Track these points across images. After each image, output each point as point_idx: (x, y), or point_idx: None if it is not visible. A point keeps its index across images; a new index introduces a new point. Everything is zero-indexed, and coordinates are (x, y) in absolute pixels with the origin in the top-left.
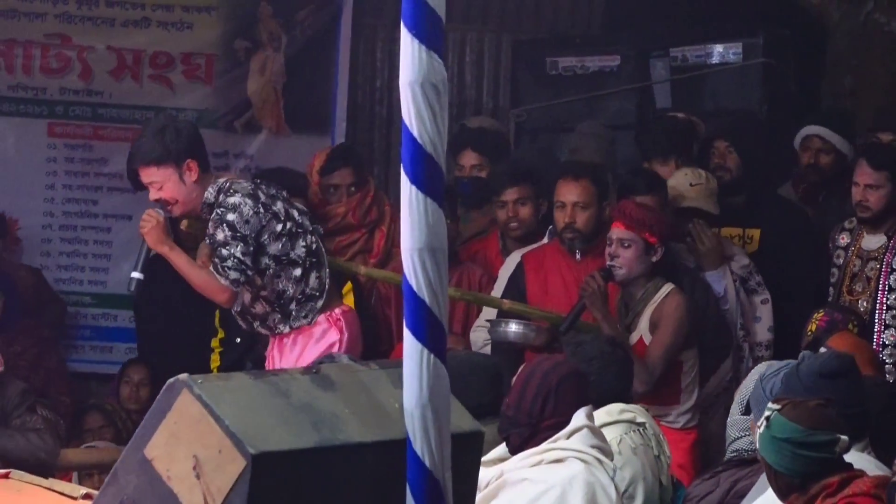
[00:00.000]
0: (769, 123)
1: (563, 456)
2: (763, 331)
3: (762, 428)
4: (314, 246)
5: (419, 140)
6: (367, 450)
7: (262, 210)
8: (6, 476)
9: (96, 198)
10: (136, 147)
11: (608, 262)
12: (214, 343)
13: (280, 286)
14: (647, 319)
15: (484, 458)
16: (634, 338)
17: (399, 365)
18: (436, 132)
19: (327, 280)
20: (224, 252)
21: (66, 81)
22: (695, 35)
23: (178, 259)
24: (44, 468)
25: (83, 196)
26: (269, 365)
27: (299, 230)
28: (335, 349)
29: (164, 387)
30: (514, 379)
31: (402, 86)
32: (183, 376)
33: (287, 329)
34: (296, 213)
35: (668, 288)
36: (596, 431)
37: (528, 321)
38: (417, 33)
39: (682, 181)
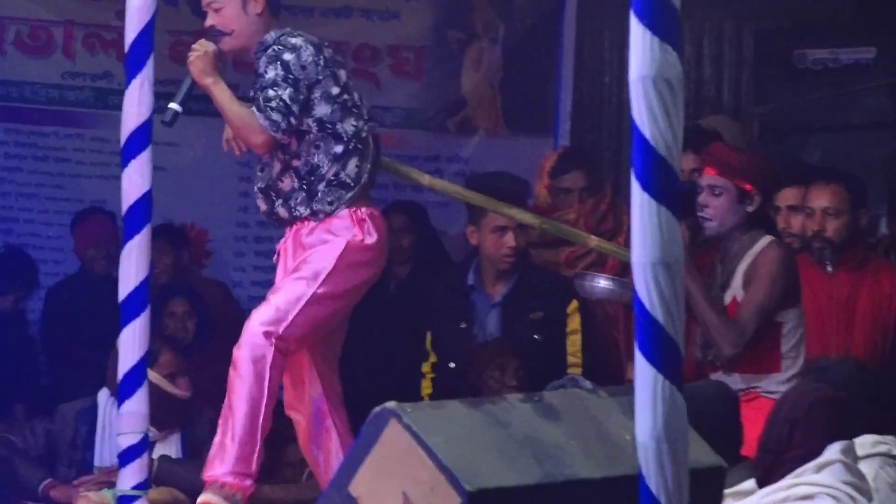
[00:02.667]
0: None
1: (813, 492)
2: None
3: None
4: (364, 134)
5: (651, 142)
6: (595, 486)
7: (322, 63)
8: None
9: None
10: None
11: (699, 213)
12: (425, 368)
13: (315, 159)
14: (742, 275)
15: (725, 491)
16: (728, 297)
17: (630, 392)
18: (670, 133)
19: (366, 176)
20: (271, 92)
21: None
22: None
23: (221, 93)
24: None
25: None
26: (279, 257)
27: (354, 108)
28: (350, 237)
29: (370, 416)
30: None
31: (633, 82)
32: (391, 404)
33: (307, 212)
34: (356, 95)
35: (766, 240)
36: (851, 467)
37: (621, 278)
38: (649, 23)
39: None
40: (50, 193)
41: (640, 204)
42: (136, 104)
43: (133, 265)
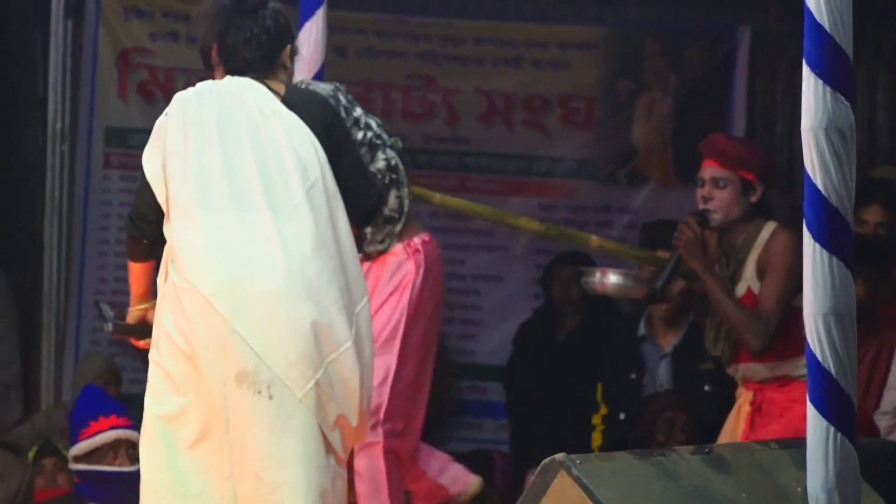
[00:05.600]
0: None
1: None
2: None
3: None
4: (394, 161)
5: (823, 192)
6: None
7: (343, 112)
8: None
9: (462, 257)
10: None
11: (701, 206)
12: (596, 420)
13: None
14: (754, 266)
15: None
16: (741, 290)
17: (802, 444)
18: (842, 183)
19: (407, 201)
20: None
21: (430, 128)
22: None
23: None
24: None
25: (448, 255)
26: None
27: (378, 141)
28: (410, 283)
29: (540, 467)
30: None
31: (805, 131)
32: (560, 456)
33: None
34: (374, 124)
35: (771, 227)
36: None
37: (627, 271)
38: (821, 73)
39: None
40: None
41: (812, 255)
42: None
43: None
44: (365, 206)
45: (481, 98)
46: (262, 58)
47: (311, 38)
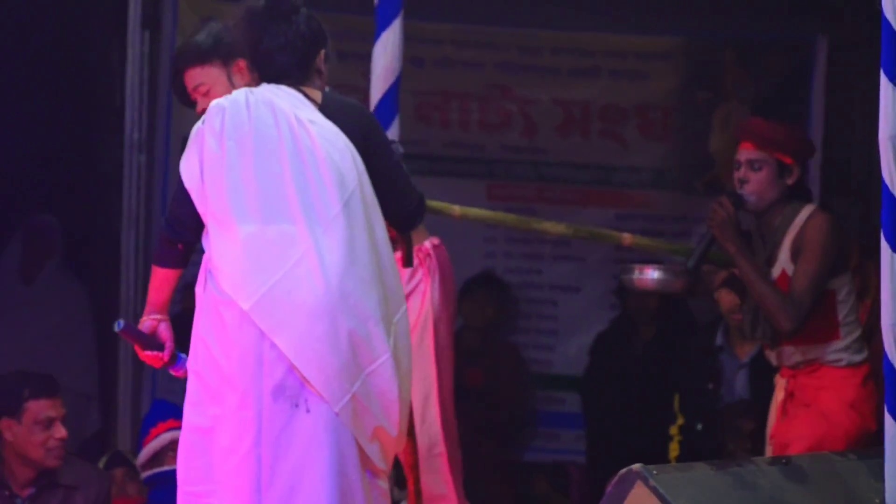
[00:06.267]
0: None
1: None
2: None
3: None
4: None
5: None
6: None
7: None
8: None
9: (540, 267)
10: (179, 50)
11: (738, 189)
12: (673, 430)
13: None
14: (788, 248)
15: None
16: (776, 272)
17: (880, 455)
18: None
19: None
20: None
21: (507, 138)
22: None
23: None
24: None
25: (525, 266)
26: None
27: None
28: (425, 291)
29: (617, 477)
30: None
31: (882, 140)
32: (637, 466)
33: None
34: None
35: (808, 209)
36: None
37: (666, 265)
38: None
39: None
40: None
41: (891, 264)
42: None
43: None
44: (405, 210)
45: (558, 108)
46: (297, 64)
47: (387, 49)
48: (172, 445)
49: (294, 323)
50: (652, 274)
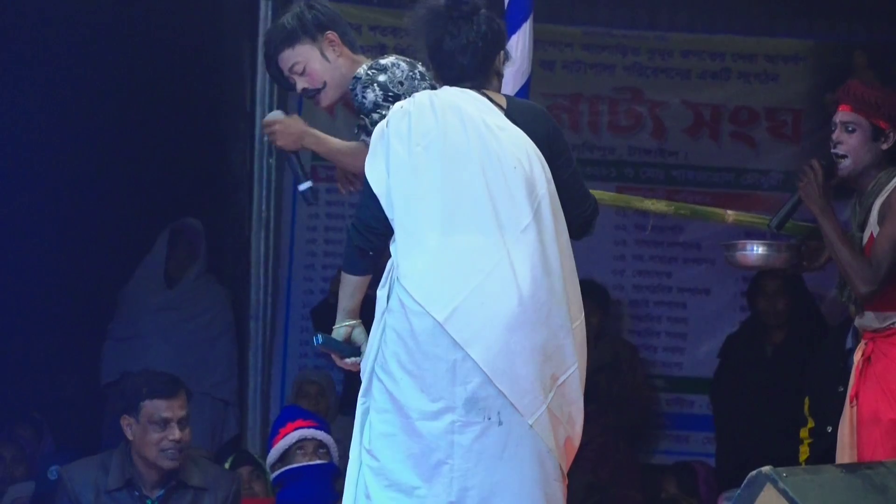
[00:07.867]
0: None
1: None
2: None
3: None
4: None
5: None
6: None
7: (418, 77)
8: None
9: (670, 270)
10: (267, 37)
11: (832, 149)
12: (803, 433)
13: None
14: (877, 211)
15: None
16: (866, 236)
17: None
18: None
19: None
20: (375, 116)
21: (637, 140)
22: None
23: (328, 143)
24: None
25: (655, 268)
26: None
27: None
28: None
29: (746, 480)
30: None
31: None
32: (766, 469)
33: None
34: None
35: None
36: None
37: (770, 241)
38: None
39: None
40: None
41: None
42: None
43: None
44: (583, 216)
45: (688, 110)
46: (478, 65)
47: (517, 52)
48: (300, 444)
49: (489, 335)
50: (755, 249)
